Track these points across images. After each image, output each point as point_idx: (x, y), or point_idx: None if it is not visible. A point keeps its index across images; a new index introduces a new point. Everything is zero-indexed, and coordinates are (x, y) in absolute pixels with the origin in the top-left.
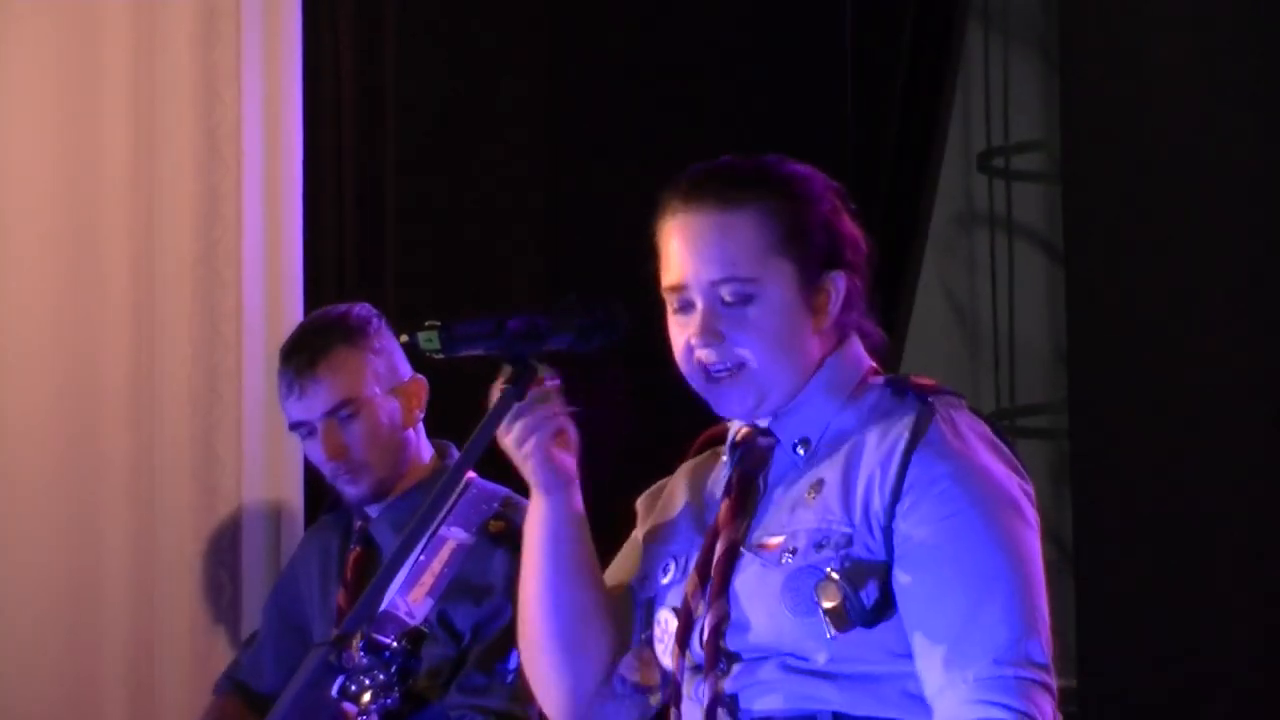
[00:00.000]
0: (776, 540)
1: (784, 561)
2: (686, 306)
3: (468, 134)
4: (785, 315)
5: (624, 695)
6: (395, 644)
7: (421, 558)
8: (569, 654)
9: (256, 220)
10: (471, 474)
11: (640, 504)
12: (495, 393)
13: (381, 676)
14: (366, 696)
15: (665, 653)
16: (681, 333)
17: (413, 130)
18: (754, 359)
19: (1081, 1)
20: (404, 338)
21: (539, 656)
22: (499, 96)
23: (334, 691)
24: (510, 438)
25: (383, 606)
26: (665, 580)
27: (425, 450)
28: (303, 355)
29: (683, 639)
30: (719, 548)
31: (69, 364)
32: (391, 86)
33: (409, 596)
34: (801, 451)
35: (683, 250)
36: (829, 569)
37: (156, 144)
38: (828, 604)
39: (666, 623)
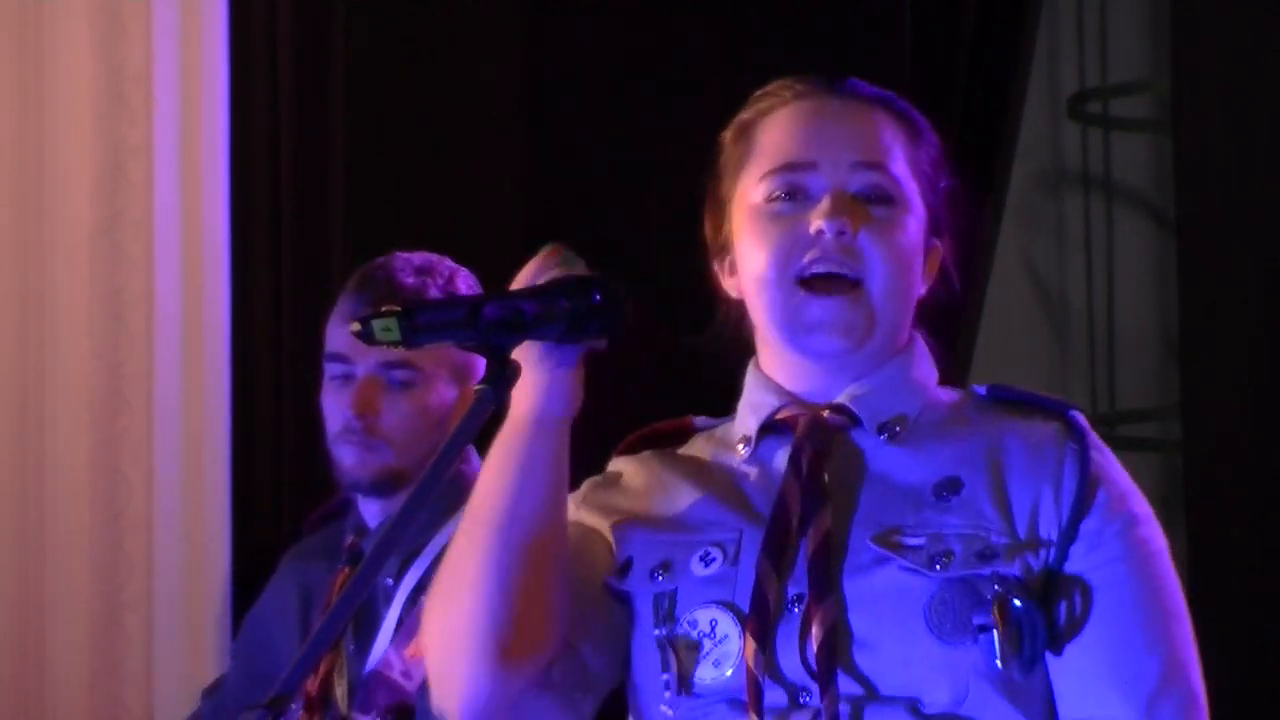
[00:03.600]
0: (915, 540)
1: (937, 568)
2: (797, 192)
3: (434, 79)
4: (912, 247)
5: (560, 686)
6: None
7: (424, 599)
8: (511, 616)
9: (171, 184)
10: None
11: (589, 496)
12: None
13: None
14: None
15: (711, 662)
16: (777, 226)
17: (365, 75)
18: (877, 279)
19: None
20: (356, 326)
21: (470, 615)
22: (471, 34)
23: None
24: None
25: (371, 665)
26: (707, 571)
27: None
28: (389, 287)
29: (763, 638)
30: (813, 534)
31: None
32: (339, 17)
33: (406, 651)
34: (891, 435)
35: (811, 127)
36: (999, 586)
37: (46, 87)
38: (1004, 625)
39: (715, 624)
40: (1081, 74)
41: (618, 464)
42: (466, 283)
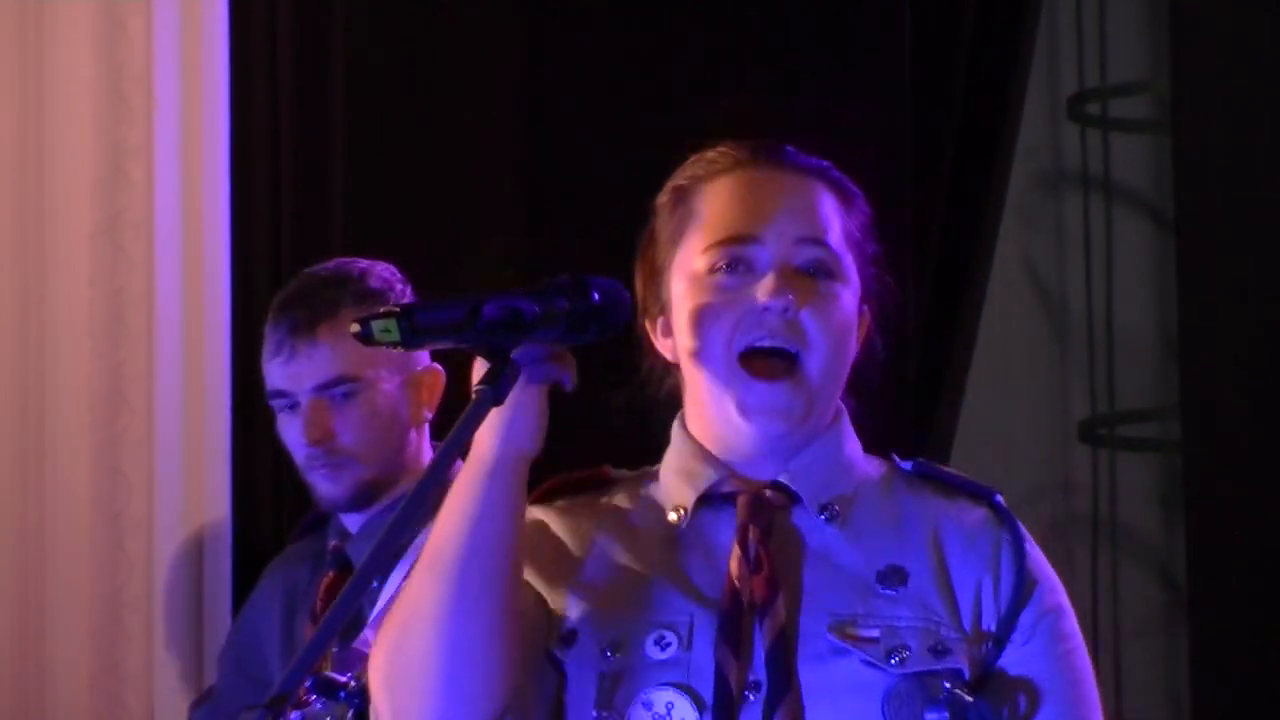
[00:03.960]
0: (870, 632)
1: (893, 662)
2: (740, 264)
3: (434, 79)
4: (849, 320)
5: None
6: (353, 682)
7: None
8: (470, 657)
9: (171, 184)
10: None
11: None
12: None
13: None
14: None
15: None
16: (721, 299)
17: (366, 78)
18: (817, 354)
19: None
20: (355, 327)
21: (429, 654)
22: (470, 46)
23: None
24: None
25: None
26: (663, 655)
27: (426, 455)
28: (302, 310)
29: None
30: (770, 624)
31: None
32: (339, 17)
33: None
34: (830, 515)
35: (753, 200)
36: (949, 684)
37: (46, 87)
38: None
39: (670, 708)
40: (1081, 74)
41: (537, 513)
42: (380, 279)
